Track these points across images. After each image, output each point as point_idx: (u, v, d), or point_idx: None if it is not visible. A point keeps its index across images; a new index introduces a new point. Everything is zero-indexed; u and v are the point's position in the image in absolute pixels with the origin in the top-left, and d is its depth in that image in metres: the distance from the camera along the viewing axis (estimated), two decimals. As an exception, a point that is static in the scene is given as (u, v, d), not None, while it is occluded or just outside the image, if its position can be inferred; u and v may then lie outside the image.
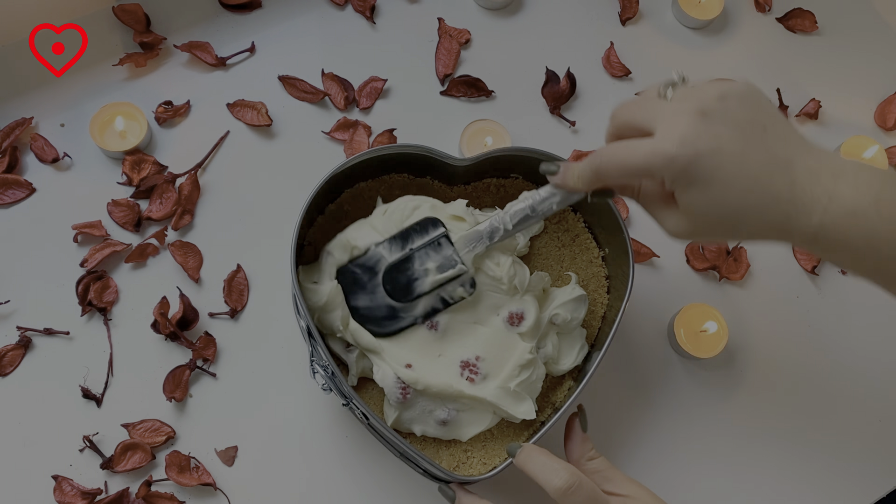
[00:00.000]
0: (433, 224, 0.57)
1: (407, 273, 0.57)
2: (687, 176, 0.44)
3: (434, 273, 0.56)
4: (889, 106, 0.79)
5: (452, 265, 0.56)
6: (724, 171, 0.44)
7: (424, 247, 0.57)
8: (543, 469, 0.49)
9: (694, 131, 0.44)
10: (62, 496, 0.59)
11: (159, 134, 0.70)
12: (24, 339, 0.63)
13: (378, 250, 0.58)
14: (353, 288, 0.58)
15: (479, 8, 0.78)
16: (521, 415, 0.57)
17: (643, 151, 0.46)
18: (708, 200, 0.45)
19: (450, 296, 0.57)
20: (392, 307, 0.57)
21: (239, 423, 0.63)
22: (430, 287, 0.56)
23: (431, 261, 0.57)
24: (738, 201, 0.44)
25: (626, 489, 0.51)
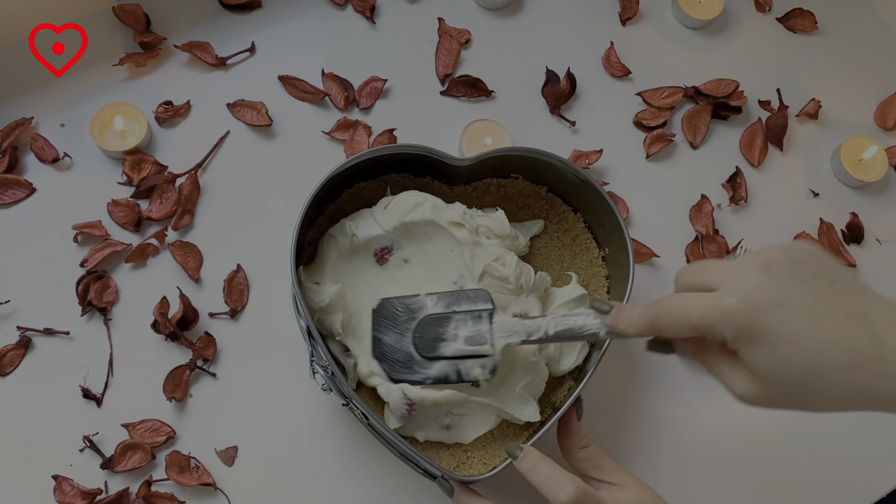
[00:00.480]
0: (484, 297, 0.56)
1: (439, 331, 0.56)
2: (750, 332, 0.41)
3: (462, 342, 0.55)
4: (889, 106, 0.79)
5: (482, 343, 0.54)
6: (792, 326, 0.40)
7: (466, 314, 0.56)
8: (549, 481, 0.49)
9: (756, 282, 0.41)
10: (62, 496, 0.59)
11: (159, 134, 0.70)
12: (24, 339, 0.63)
13: (425, 299, 0.57)
14: (386, 322, 0.58)
15: (479, 8, 0.78)
16: (526, 417, 0.57)
17: (701, 305, 0.42)
18: (777, 361, 0.40)
19: (466, 372, 0.55)
20: (411, 357, 0.56)
21: (239, 423, 0.63)
22: (452, 353, 0.55)
23: (466, 330, 0.55)
24: (813, 361, 0.40)
25: (616, 477, 0.52)
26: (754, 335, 0.41)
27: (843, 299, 0.41)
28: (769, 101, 0.78)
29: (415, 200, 0.59)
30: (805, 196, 0.76)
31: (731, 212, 0.74)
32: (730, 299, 0.41)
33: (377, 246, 0.60)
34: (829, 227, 0.74)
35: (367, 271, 0.61)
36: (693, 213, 0.73)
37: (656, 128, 0.75)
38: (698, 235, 0.72)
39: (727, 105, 0.76)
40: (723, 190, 0.75)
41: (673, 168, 0.75)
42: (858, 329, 0.40)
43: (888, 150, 0.76)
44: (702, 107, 0.77)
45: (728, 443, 0.67)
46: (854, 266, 0.73)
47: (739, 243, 0.72)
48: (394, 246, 0.60)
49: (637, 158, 0.75)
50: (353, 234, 0.59)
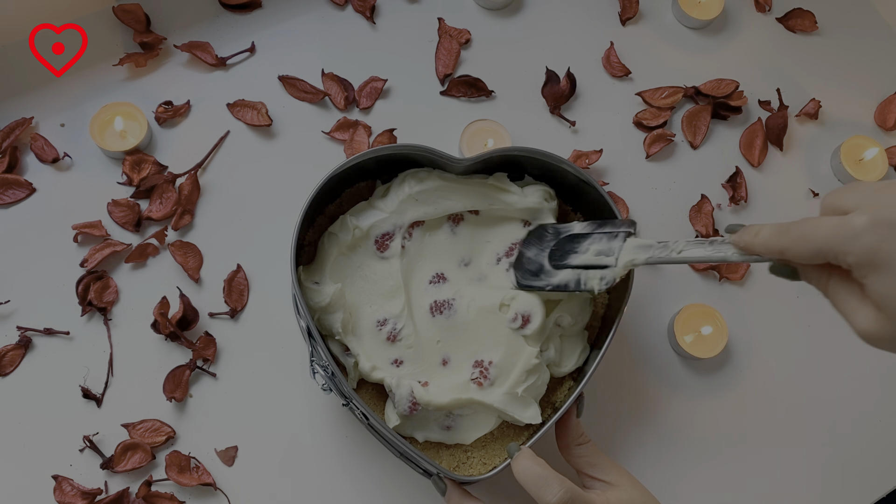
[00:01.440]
0: (629, 223, 0.57)
1: (574, 245, 0.58)
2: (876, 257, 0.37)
3: (591, 254, 0.56)
4: (889, 106, 0.79)
5: (609, 254, 0.55)
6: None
7: (605, 233, 0.57)
8: (537, 482, 0.49)
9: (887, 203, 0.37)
10: (62, 496, 0.59)
11: (159, 134, 0.70)
12: (24, 339, 0.63)
13: (575, 223, 0.59)
14: (533, 240, 0.61)
15: (479, 8, 0.78)
16: (528, 419, 0.57)
17: (829, 225, 0.39)
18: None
19: (585, 281, 0.56)
20: (542, 267, 0.59)
21: (239, 423, 0.63)
22: (578, 263, 0.57)
23: (599, 245, 0.56)
24: None
25: (610, 476, 0.52)
26: (881, 261, 0.37)
27: None
28: (769, 101, 0.78)
29: (422, 175, 0.61)
30: (805, 196, 0.76)
31: (731, 212, 0.74)
32: (860, 218, 0.38)
33: (378, 232, 0.60)
34: (829, 227, 0.74)
35: (366, 266, 0.61)
36: (693, 213, 0.73)
37: (656, 128, 0.75)
38: (698, 235, 0.72)
39: (727, 105, 0.76)
40: (723, 190, 0.75)
41: (673, 168, 0.75)
42: None
43: (888, 150, 0.76)
44: (702, 107, 0.77)
45: (727, 442, 0.67)
46: (854, 266, 0.73)
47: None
48: (394, 231, 0.60)
49: (637, 158, 0.75)
50: (355, 227, 0.59)
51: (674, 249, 0.51)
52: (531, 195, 0.62)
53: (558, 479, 0.49)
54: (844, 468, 0.67)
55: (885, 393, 0.70)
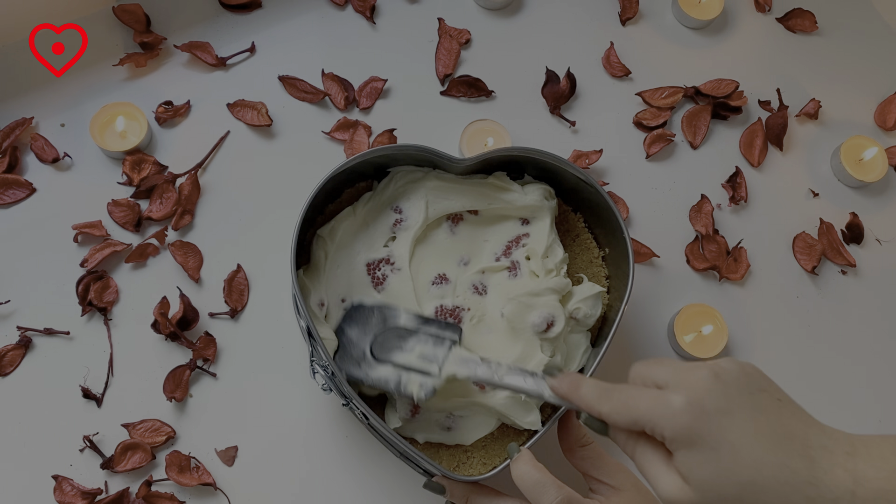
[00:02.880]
0: (454, 329, 0.57)
1: (400, 341, 0.57)
2: (691, 435, 0.41)
3: (415, 356, 0.56)
4: (889, 106, 0.79)
5: (432, 361, 0.55)
6: (733, 436, 0.40)
7: (430, 336, 0.57)
8: (535, 487, 0.49)
9: (704, 387, 0.41)
10: (62, 496, 0.59)
11: (159, 134, 0.70)
12: (24, 339, 0.63)
13: (402, 313, 0.58)
14: (356, 321, 0.58)
15: (479, 8, 0.78)
16: (528, 425, 0.57)
17: (648, 398, 0.43)
18: (713, 469, 0.40)
19: (405, 385, 0.55)
20: (363, 354, 0.57)
21: (239, 423, 0.63)
22: (400, 362, 0.56)
23: (424, 348, 0.56)
24: (750, 474, 0.40)
25: (615, 479, 0.52)
26: (695, 439, 0.41)
27: (784, 418, 0.41)
28: (769, 101, 0.78)
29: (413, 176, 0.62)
30: (805, 196, 0.76)
31: (730, 212, 0.74)
32: (677, 398, 0.41)
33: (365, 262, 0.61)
34: (829, 227, 0.74)
35: (365, 253, 0.61)
36: (693, 213, 0.73)
37: (656, 128, 0.75)
38: (698, 235, 0.72)
39: (727, 105, 0.76)
40: (723, 190, 0.75)
41: (673, 168, 0.75)
42: (796, 451, 0.40)
43: (888, 150, 0.76)
44: (702, 107, 0.77)
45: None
46: (854, 266, 0.73)
47: (739, 243, 0.72)
48: (381, 262, 0.61)
49: (637, 158, 0.75)
50: (333, 229, 0.60)
51: (496, 372, 0.52)
52: (531, 193, 0.62)
53: (556, 485, 0.49)
54: (844, 468, 0.67)
55: (885, 393, 0.70)
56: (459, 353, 0.55)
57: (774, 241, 0.74)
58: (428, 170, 0.63)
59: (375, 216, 0.62)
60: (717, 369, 0.42)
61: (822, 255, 0.73)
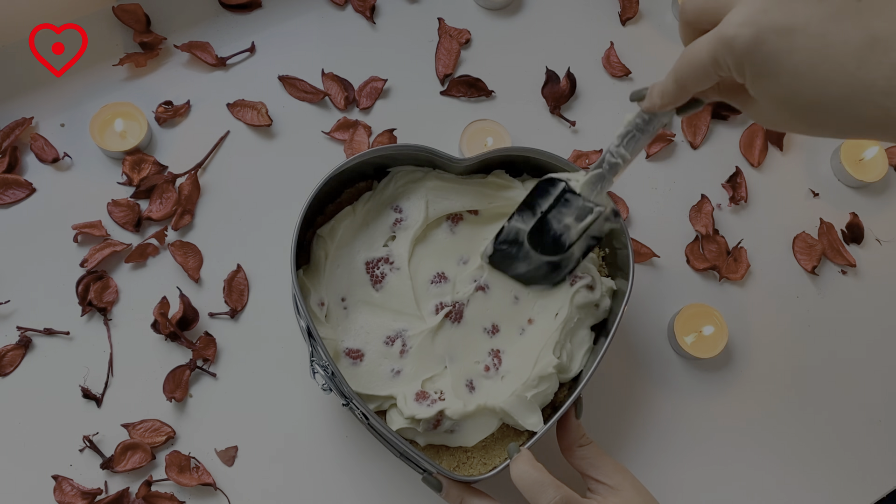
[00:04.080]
0: (551, 184, 0.57)
1: (550, 234, 0.58)
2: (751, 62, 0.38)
3: (575, 224, 0.57)
4: (889, 106, 0.79)
5: (589, 211, 0.56)
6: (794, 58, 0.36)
7: (553, 207, 0.57)
8: (533, 486, 0.49)
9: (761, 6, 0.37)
10: (62, 496, 0.59)
11: (159, 134, 0.70)
12: (24, 339, 0.63)
13: (513, 224, 0.59)
14: (507, 262, 0.60)
15: (479, 8, 0.78)
16: (530, 426, 0.57)
17: (706, 42, 0.39)
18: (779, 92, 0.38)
19: (599, 231, 0.57)
20: (549, 264, 0.59)
21: (239, 423, 0.63)
22: (577, 235, 0.57)
23: (567, 216, 0.57)
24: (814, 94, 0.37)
25: (613, 479, 0.52)
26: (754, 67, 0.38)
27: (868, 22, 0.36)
28: (769, 101, 0.78)
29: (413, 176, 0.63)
30: (805, 196, 0.76)
31: (731, 212, 0.74)
32: (729, 28, 0.38)
33: (364, 260, 0.61)
34: (829, 227, 0.74)
35: (365, 252, 0.61)
36: (693, 213, 0.73)
37: (656, 128, 0.75)
38: (698, 235, 0.72)
39: (727, 105, 0.76)
40: (723, 190, 0.75)
41: (673, 168, 0.75)
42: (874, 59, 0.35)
43: (888, 151, 0.76)
44: (702, 107, 0.76)
45: (728, 442, 0.67)
46: (854, 266, 0.73)
47: (739, 244, 0.72)
48: (379, 261, 0.61)
49: (637, 158, 0.75)
50: (333, 227, 0.60)
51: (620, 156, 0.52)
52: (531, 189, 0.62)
53: (554, 485, 0.49)
54: (844, 468, 0.67)
55: (885, 393, 0.70)
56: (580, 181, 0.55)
57: (774, 241, 0.74)
58: (428, 170, 0.63)
59: (375, 216, 0.62)
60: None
61: (822, 255, 0.73)
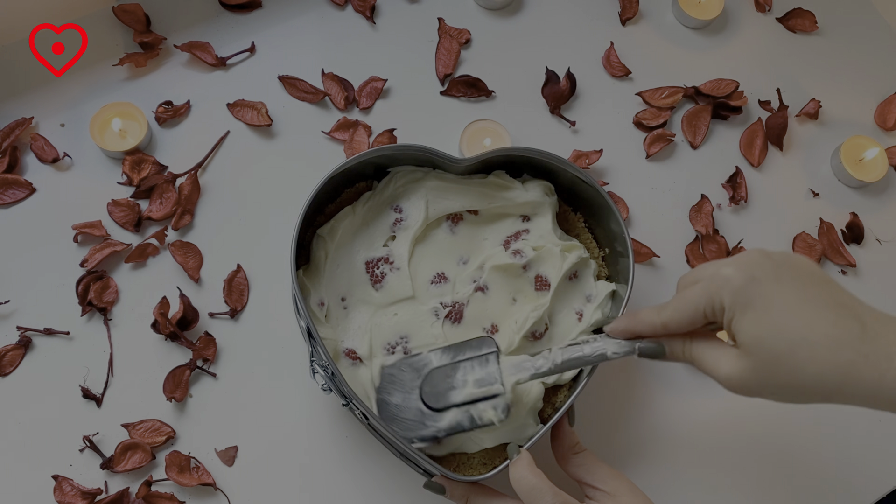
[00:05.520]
0: (488, 343, 0.56)
1: (447, 381, 0.56)
2: (744, 297, 0.43)
3: (472, 386, 0.55)
4: (889, 106, 0.79)
5: (492, 383, 0.54)
6: (785, 298, 0.42)
7: (472, 359, 0.56)
8: (531, 492, 0.50)
9: (755, 260, 0.44)
10: (62, 496, 0.59)
11: (159, 134, 0.70)
12: (24, 339, 0.63)
13: (428, 355, 0.57)
14: (390, 383, 0.57)
15: (479, 8, 0.78)
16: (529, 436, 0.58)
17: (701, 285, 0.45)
18: (766, 327, 0.42)
19: (479, 416, 0.54)
20: (421, 412, 0.56)
21: (239, 423, 0.63)
22: (463, 399, 0.55)
23: (474, 374, 0.55)
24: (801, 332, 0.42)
25: (609, 485, 0.52)
26: (748, 300, 0.43)
27: (835, 293, 0.43)
28: (769, 101, 0.78)
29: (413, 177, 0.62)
30: (805, 196, 0.76)
31: (731, 212, 0.74)
32: (728, 269, 0.44)
33: (364, 260, 0.61)
34: (829, 227, 0.74)
35: (364, 251, 0.61)
36: (693, 213, 0.73)
37: (656, 128, 0.75)
38: (698, 235, 0.72)
39: (727, 105, 0.76)
40: (723, 190, 0.75)
41: (673, 168, 0.75)
42: (847, 314, 0.42)
43: (888, 150, 0.76)
44: (702, 107, 0.77)
45: (726, 444, 0.67)
46: (854, 266, 0.73)
47: (739, 243, 0.72)
48: (379, 261, 0.61)
49: (637, 158, 0.75)
50: (333, 227, 0.60)
51: (553, 359, 0.53)
52: (532, 190, 0.62)
53: (552, 491, 0.49)
54: (844, 468, 0.67)
55: (885, 393, 0.70)
56: (508, 360, 0.55)
57: (774, 241, 0.74)
58: (428, 170, 0.63)
59: (375, 215, 0.62)
60: (766, 251, 0.45)
61: (823, 255, 0.73)
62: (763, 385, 0.44)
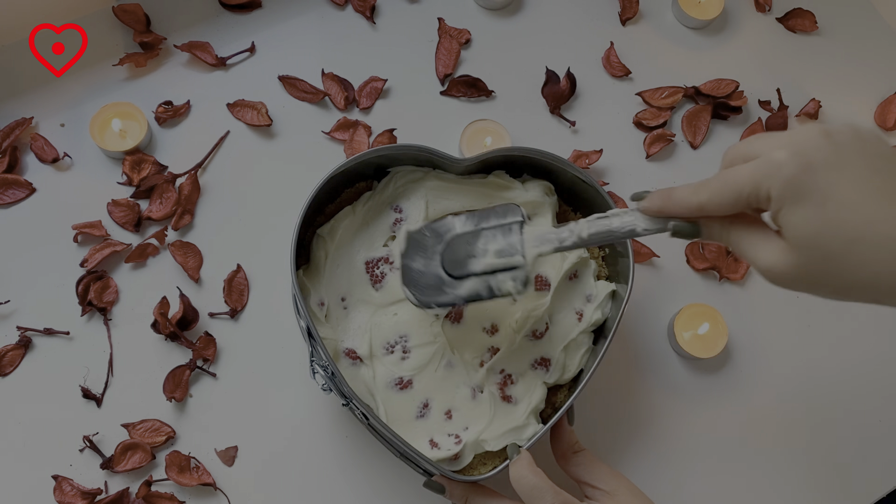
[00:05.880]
0: (514, 210, 0.54)
1: (468, 248, 0.54)
2: (796, 188, 0.38)
3: (492, 256, 0.53)
4: (889, 106, 0.79)
5: (512, 254, 0.52)
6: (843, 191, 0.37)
7: (496, 228, 0.53)
8: (532, 492, 0.50)
9: (813, 143, 0.38)
10: (62, 496, 0.59)
11: (159, 134, 0.70)
12: (24, 339, 0.63)
13: (452, 220, 0.55)
14: (415, 248, 0.55)
15: (479, 8, 0.78)
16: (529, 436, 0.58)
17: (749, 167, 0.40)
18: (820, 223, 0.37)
19: (497, 287, 0.53)
20: (440, 279, 0.54)
21: (239, 423, 0.63)
22: (482, 268, 0.53)
23: (496, 244, 0.53)
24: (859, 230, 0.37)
25: (608, 484, 0.52)
26: (801, 192, 0.38)
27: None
28: (769, 101, 0.78)
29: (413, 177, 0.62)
30: (805, 196, 0.76)
31: (731, 212, 0.74)
32: (780, 153, 0.38)
33: (364, 259, 0.61)
34: (829, 227, 0.74)
35: (364, 251, 0.61)
36: (693, 213, 0.73)
37: (656, 128, 0.75)
38: (698, 235, 0.72)
39: (727, 105, 0.76)
40: (723, 190, 0.75)
41: (673, 168, 0.75)
42: None
43: (888, 150, 0.76)
44: (702, 107, 0.77)
45: (725, 444, 0.67)
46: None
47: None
48: (380, 262, 0.61)
49: (637, 158, 0.75)
50: (333, 227, 0.60)
51: (579, 231, 0.50)
52: (532, 190, 0.62)
53: (552, 491, 0.49)
54: (845, 468, 0.67)
55: (885, 393, 0.70)
56: (532, 231, 0.53)
57: (774, 241, 0.74)
58: (428, 170, 0.63)
59: (375, 215, 0.62)
60: (828, 129, 0.39)
61: (822, 255, 0.73)
62: (808, 283, 0.40)
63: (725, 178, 0.41)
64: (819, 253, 0.38)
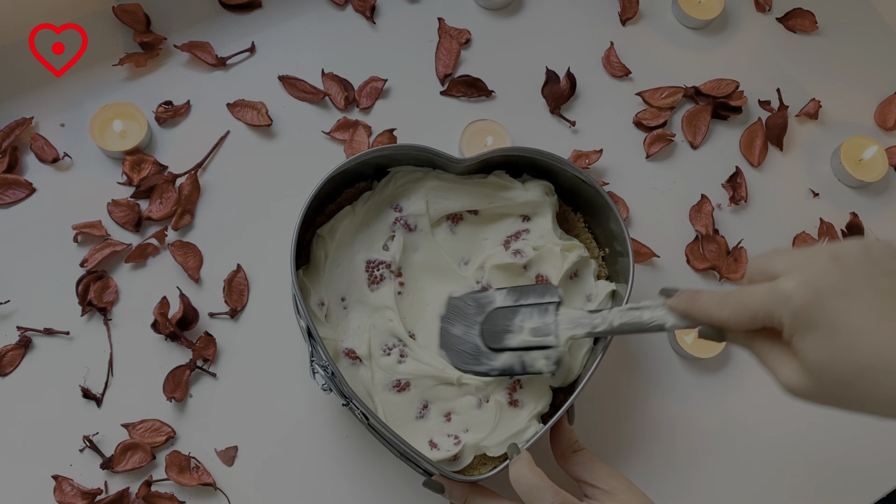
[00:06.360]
0: (552, 291, 0.57)
1: (506, 322, 0.57)
2: (805, 318, 0.39)
3: (528, 333, 0.56)
4: (889, 106, 0.79)
5: (547, 334, 0.55)
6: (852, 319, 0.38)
7: (533, 307, 0.56)
8: (531, 491, 0.50)
9: (821, 270, 0.39)
10: (62, 496, 0.59)
11: (159, 134, 0.70)
12: (24, 339, 0.63)
13: (494, 294, 0.58)
14: (454, 315, 0.59)
15: (479, 8, 0.78)
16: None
17: (761, 291, 0.41)
18: (830, 353, 0.38)
19: (531, 364, 0.55)
20: (478, 348, 0.57)
21: (239, 423, 0.63)
22: (517, 344, 0.56)
23: (532, 322, 0.56)
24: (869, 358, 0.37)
25: (608, 483, 0.52)
26: (810, 322, 0.39)
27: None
28: (769, 101, 0.78)
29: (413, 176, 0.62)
30: (805, 196, 0.76)
31: (731, 212, 0.74)
32: (788, 283, 0.40)
33: (365, 259, 0.61)
34: (829, 227, 0.74)
35: (364, 251, 0.61)
36: (693, 213, 0.73)
37: (656, 128, 0.75)
38: (698, 235, 0.72)
39: (727, 105, 0.76)
40: (723, 190, 0.75)
41: (673, 168, 0.75)
42: None
43: (888, 150, 0.76)
44: (702, 107, 0.77)
45: (725, 444, 0.67)
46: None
47: (739, 244, 0.72)
48: (381, 265, 0.61)
49: (637, 158, 0.75)
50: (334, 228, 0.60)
51: (611, 320, 0.53)
52: (532, 190, 0.63)
53: (552, 490, 0.49)
54: (844, 468, 0.67)
55: (885, 393, 0.70)
56: (567, 314, 0.55)
57: (774, 241, 0.74)
58: (428, 170, 0.63)
59: (375, 215, 0.62)
60: (837, 251, 0.40)
61: (822, 255, 0.73)
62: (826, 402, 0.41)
63: (743, 300, 0.43)
64: (833, 379, 0.39)
